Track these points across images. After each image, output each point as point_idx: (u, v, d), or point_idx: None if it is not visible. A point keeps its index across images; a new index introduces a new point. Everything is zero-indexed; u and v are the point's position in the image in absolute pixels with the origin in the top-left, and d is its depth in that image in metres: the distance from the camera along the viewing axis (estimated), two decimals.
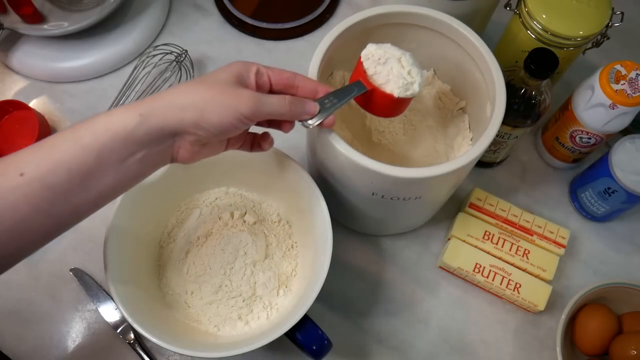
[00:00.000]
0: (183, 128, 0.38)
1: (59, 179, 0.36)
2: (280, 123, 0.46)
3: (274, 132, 0.47)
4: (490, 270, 0.58)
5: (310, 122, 0.44)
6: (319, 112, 0.44)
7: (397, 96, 0.45)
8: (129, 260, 0.51)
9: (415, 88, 0.46)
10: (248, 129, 0.44)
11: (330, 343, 0.48)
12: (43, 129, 0.65)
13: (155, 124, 0.37)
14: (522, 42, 0.59)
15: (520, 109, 0.56)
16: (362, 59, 0.46)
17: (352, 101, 0.58)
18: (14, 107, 0.65)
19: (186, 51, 0.69)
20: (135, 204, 0.51)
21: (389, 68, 0.45)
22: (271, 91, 0.44)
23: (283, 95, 0.42)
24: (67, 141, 0.36)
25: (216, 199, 0.59)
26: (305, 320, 0.47)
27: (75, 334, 0.58)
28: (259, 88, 0.43)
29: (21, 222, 0.35)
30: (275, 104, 0.41)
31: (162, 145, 0.39)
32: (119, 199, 0.50)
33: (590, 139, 0.60)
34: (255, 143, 0.48)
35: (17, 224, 0.35)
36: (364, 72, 0.46)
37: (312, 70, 0.48)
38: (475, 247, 0.59)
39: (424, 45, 0.56)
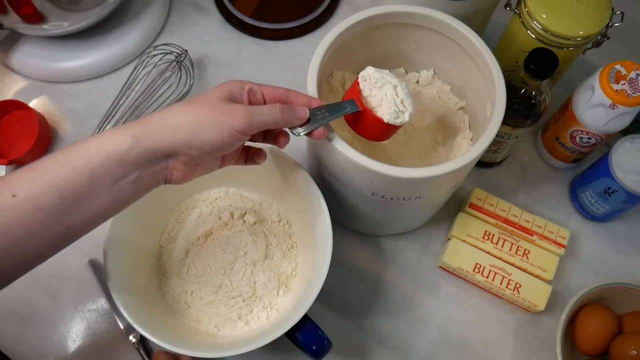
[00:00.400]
0: (175, 149, 0.38)
1: (51, 201, 0.36)
2: (275, 137, 0.46)
3: None
4: (490, 270, 0.58)
5: (300, 130, 0.44)
6: (309, 122, 0.44)
7: (386, 122, 0.45)
8: (129, 261, 0.51)
9: (405, 117, 0.46)
10: (243, 144, 0.44)
11: (330, 343, 0.48)
12: (43, 129, 0.65)
13: (147, 145, 0.37)
14: (522, 42, 0.59)
15: (520, 109, 0.56)
16: (359, 80, 0.46)
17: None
18: (14, 107, 0.65)
19: (186, 51, 0.69)
20: (135, 204, 0.51)
21: (384, 93, 0.46)
22: None
23: (273, 104, 0.42)
24: (59, 163, 0.36)
25: (216, 199, 0.59)
26: (305, 320, 0.47)
27: (75, 334, 0.58)
28: (251, 105, 0.43)
29: (13, 243, 0.35)
30: (267, 113, 0.41)
31: (155, 167, 0.39)
32: None
33: (590, 139, 0.60)
34: (249, 157, 0.48)
35: (9, 244, 0.35)
36: (359, 92, 0.46)
37: (312, 70, 0.48)
38: (475, 247, 0.59)
39: (424, 45, 0.56)
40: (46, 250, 0.38)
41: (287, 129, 0.45)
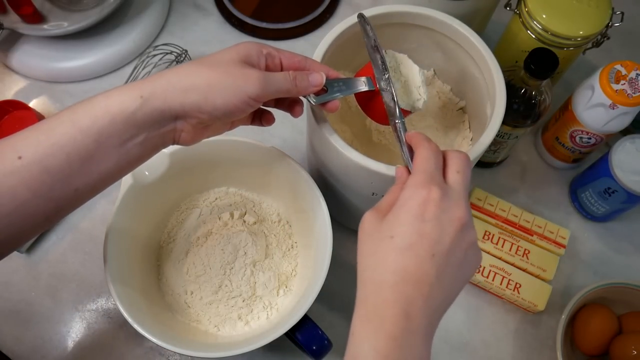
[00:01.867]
0: (186, 111, 0.37)
1: (58, 163, 0.35)
2: (289, 105, 0.45)
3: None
4: (490, 270, 0.58)
5: (314, 99, 0.43)
6: (325, 92, 0.43)
7: (400, 107, 0.45)
8: (128, 260, 0.51)
9: (419, 105, 0.45)
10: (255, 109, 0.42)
11: (330, 343, 0.48)
12: None
13: (156, 107, 0.36)
14: (522, 42, 0.59)
15: (520, 109, 0.56)
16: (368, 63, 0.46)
17: (348, 100, 0.58)
18: (14, 107, 0.65)
19: (186, 51, 0.69)
20: (135, 204, 0.52)
21: (398, 77, 0.45)
22: None
23: (287, 72, 0.41)
24: (65, 124, 0.35)
25: (216, 199, 0.59)
26: (305, 320, 0.47)
27: (75, 334, 0.58)
28: (269, 71, 0.41)
29: (21, 207, 0.34)
30: (282, 81, 0.40)
31: (164, 129, 0.38)
32: (119, 199, 0.50)
33: (590, 139, 0.60)
34: (257, 119, 0.46)
35: (17, 208, 0.34)
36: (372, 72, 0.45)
37: None
38: None
39: (424, 45, 0.55)
40: (55, 212, 0.37)
41: (302, 97, 0.44)
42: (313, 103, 0.43)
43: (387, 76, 0.43)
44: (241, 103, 0.38)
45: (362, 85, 0.45)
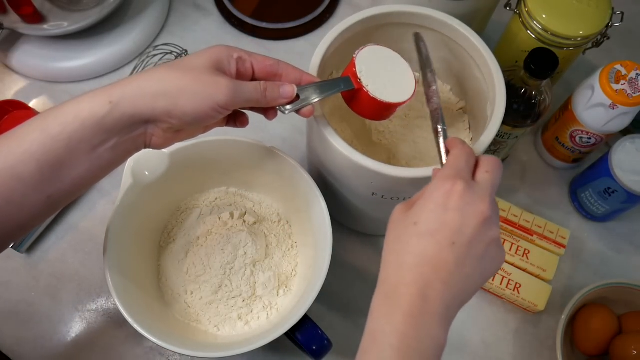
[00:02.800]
0: (156, 116, 0.37)
1: (30, 170, 0.35)
2: (264, 110, 0.45)
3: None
4: None
5: (287, 107, 0.43)
6: (297, 100, 0.43)
7: (382, 100, 0.44)
8: (128, 260, 0.51)
9: (402, 97, 0.45)
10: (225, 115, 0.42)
11: (330, 343, 0.48)
12: None
13: (125, 112, 0.36)
14: (522, 42, 0.59)
15: (520, 109, 0.56)
16: (355, 57, 0.45)
17: None
18: (14, 107, 0.65)
19: (186, 51, 0.69)
20: (135, 204, 0.52)
21: (382, 71, 0.45)
22: (253, 79, 0.43)
23: (259, 82, 0.41)
24: (36, 131, 0.35)
25: (216, 199, 0.59)
26: (305, 320, 0.47)
27: (75, 334, 0.58)
28: (240, 76, 0.41)
29: None
30: (252, 91, 0.40)
31: (134, 133, 0.38)
32: (119, 199, 0.50)
33: (590, 139, 0.60)
34: (232, 120, 0.46)
35: None
36: (355, 70, 0.45)
37: (312, 70, 0.48)
38: None
39: None
40: (29, 221, 0.37)
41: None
42: (286, 112, 0.43)
43: (434, 88, 0.45)
44: (211, 110, 0.38)
45: (339, 87, 0.44)
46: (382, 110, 0.46)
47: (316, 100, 0.43)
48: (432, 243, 0.34)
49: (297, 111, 0.43)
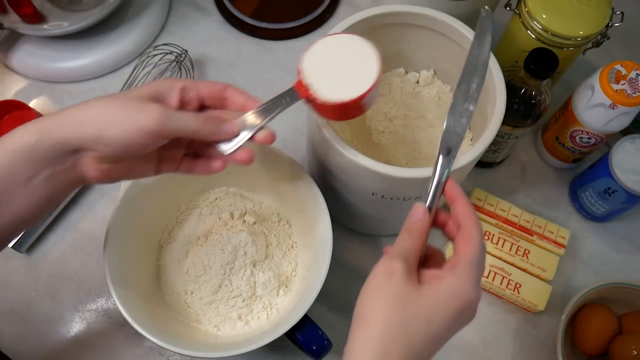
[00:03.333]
0: (82, 144, 0.36)
1: None
2: (207, 157, 0.43)
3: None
4: (490, 270, 0.58)
5: (224, 147, 0.40)
6: (239, 134, 0.40)
7: (335, 102, 0.40)
8: (128, 260, 0.51)
9: (356, 92, 0.40)
10: (161, 147, 0.40)
11: (330, 343, 0.48)
12: None
13: (54, 139, 0.36)
14: (522, 42, 0.59)
15: (520, 109, 0.56)
16: (298, 64, 0.41)
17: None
18: (14, 107, 0.65)
19: (186, 51, 0.69)
20: (135, 204, 0.52)
21: (334, 67, 0.41)
22: (202, 107, 0.42)
23: (199, 113, 0.40)
24: None
25: (216, 199, 0.59)
26: (305, 320, 0.47)
27: (75, 334, 0.58)
28: (184, 105, 0.40)
29: None
30: (188, 120, 0.38)
31: (66, 163, 0.37)
32: (119, 199, 0.50)
33: (590, 139, 0.60)
34: (200, 165, 0.43)
35: None
36: (299, 78, 0.41)
37: None
38: None
39: (424, 45, 0.56)
40: None
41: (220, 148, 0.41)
42: (225, 152, 0.41)
43: (471, 108, 0.39)
44: (139, 136, 0.36)
45: (282, 104, 0.41)
46: (344, 109, 0.41)
47: (260, 125, 0.40)
48: (433, 345, 0.34)
49: (231, 155, 0.41)
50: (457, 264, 0.35)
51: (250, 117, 0.41)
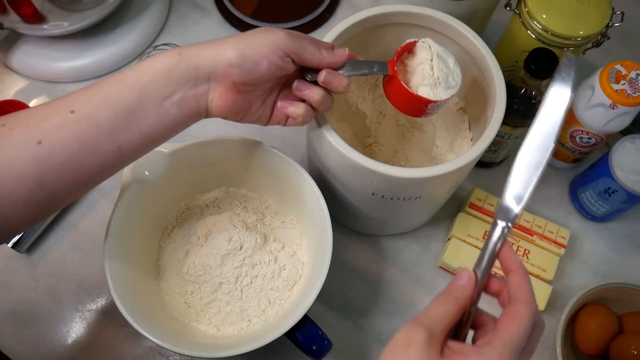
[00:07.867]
0: (217, 68, 0.40)
1: (105, 117, 0.38)
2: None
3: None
4: None
5: (308, 76, 0.43)
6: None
7: (413, 92, 0.44)
8: (128, 260, 0.51)
9: (436, 95, 0.44)
10: (288, 74, 0.43)
11: (330, 343, 0.48)
12: None
13: (190, 62, 0.39)
14: (522, 42, 0.59)
15: (520, 109, 0.56)
16: (401, 46, 0.45)
17: (348, 99, 0.58)
18: (14, 107, 0.65)
19: None
20: (135, 203, 0.52)
21: (423, 64, 0.45)
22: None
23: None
24: (114, 81, 0.39)
25: (216, 199, 0.59)
26: (305, 320, 0.47)
27: (75, 334, 0.58)
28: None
29: (70, 159, 0.37)
30: (309, 44, 0.42)
31: (197, 88, 0.40)
32: (119, 199, 0.50)
33: (590, 139, 0.60)
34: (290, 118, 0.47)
35: (66, 160, 0.37)
36: (396, 57, 0.45)
37: None
38: (476, 247, 0.59)
39: None
40: (99, 170, 0.39)
41: (307, 75, 0.44)
42: (309, 78, 0.43)
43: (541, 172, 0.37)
44: (271, 54, 0.40)
45: (372, 68, 0.44)
46: (414, 102, 0.45)
47: (348, 75, 0.44)
48: None
49: (330, 82, 0.43)
50: (491, 342, 0.32)
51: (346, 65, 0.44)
